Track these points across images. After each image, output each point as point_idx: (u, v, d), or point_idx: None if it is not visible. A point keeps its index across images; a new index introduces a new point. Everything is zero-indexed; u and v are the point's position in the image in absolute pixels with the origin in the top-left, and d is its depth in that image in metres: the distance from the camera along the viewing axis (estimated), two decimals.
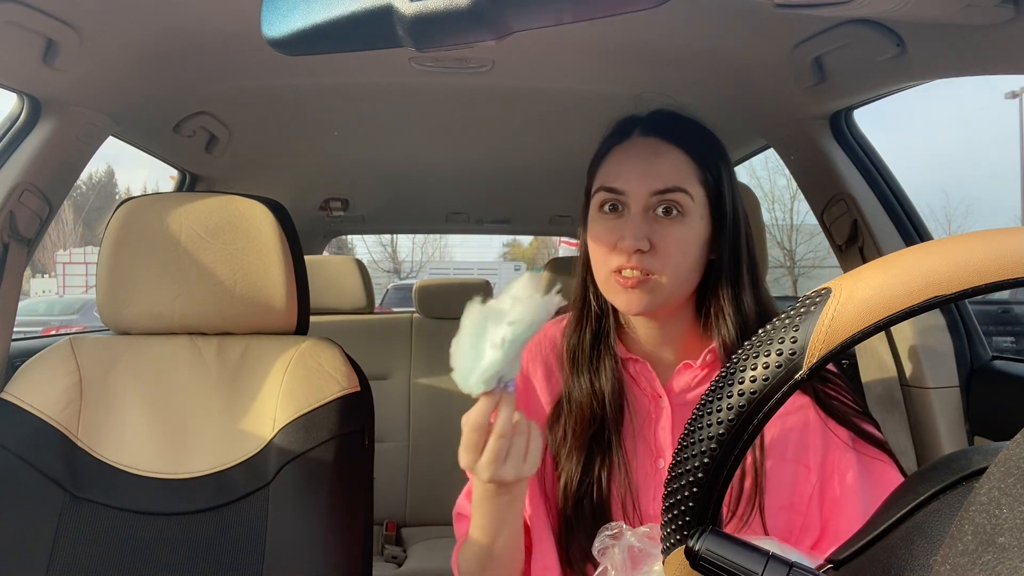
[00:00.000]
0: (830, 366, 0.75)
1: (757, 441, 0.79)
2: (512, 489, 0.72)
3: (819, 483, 0.79)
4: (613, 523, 0.71)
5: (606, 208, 0.83)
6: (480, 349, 0.64)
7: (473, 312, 0.66)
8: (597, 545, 0.70)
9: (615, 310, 0.88)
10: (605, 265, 0.82)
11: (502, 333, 0.63)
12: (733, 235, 0.84)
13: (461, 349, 0.65)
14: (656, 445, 0.84)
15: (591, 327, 0.88)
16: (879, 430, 0.83)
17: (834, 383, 0.85)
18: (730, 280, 0.84)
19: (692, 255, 0.82)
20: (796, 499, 0.79)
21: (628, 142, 0.85)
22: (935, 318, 1.25)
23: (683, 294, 0.83)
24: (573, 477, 0.82)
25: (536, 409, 0.89)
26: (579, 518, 0.82)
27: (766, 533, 0.76)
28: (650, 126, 0.86)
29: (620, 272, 0.80)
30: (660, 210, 0.80)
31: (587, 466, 0.82)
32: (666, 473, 0.42)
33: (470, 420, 0.67)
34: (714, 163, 0.84)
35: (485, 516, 0.75)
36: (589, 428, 0.83)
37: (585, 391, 0.85)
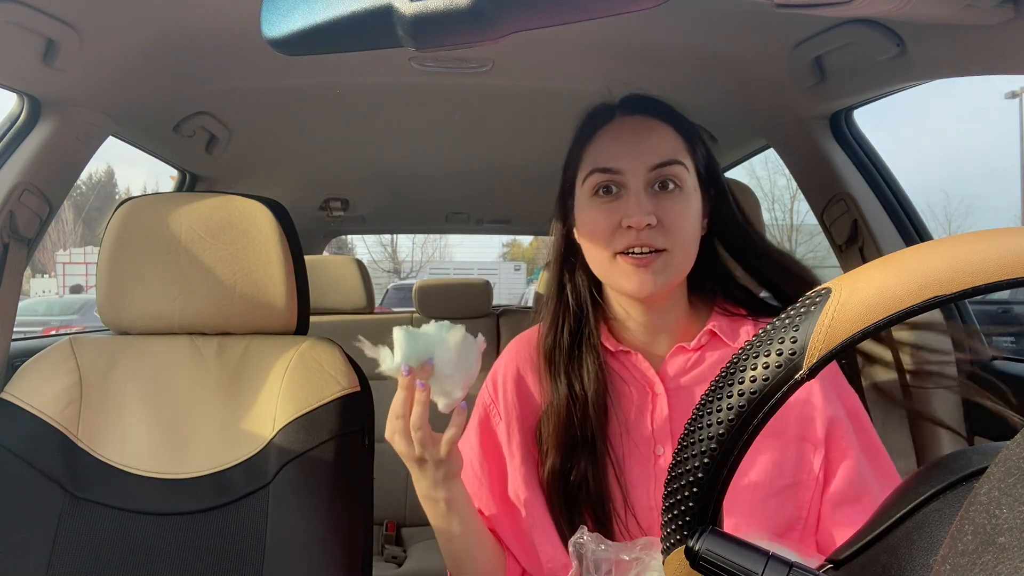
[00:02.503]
0: None
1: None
2: (438, 495, 0.77)
3: (826, 456, 0.78)
4: (581, 533, 0.71)
5: (600, 191, 0.81)
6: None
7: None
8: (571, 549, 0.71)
9: (595, 305, 0.87)
10: (608, 248, 0.79)
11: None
12: (729, 205, 0.85)
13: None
14: (654, 434, 0.82)
15: (569, 325, 0.87)
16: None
17: None
18: (734, 250, 0.84)
19: (693, 228, 0.81)
20: (803, 476, 0.78)
21: (613, 123, 0.84)
22: (935, 318, 1.25)
23: (686, 271, 0.82)
24: (555, 469, 0.82)
25: (533, 410, 0.88)
26: (573, 519, 0.81)
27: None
28: (631, 106, 0.85)
29: (628, 252, 0.78)
30: (658, 185, 0.79)
31: (566, 467, 0.81)
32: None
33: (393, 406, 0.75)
34: (697, 137, 0.84)
35: (431, 516, 0.81)
36: (567, 432, 0.82)
37: (563, 395, 0.83)
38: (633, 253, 0.78)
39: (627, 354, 0.86)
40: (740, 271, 0.88)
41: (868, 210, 1.30)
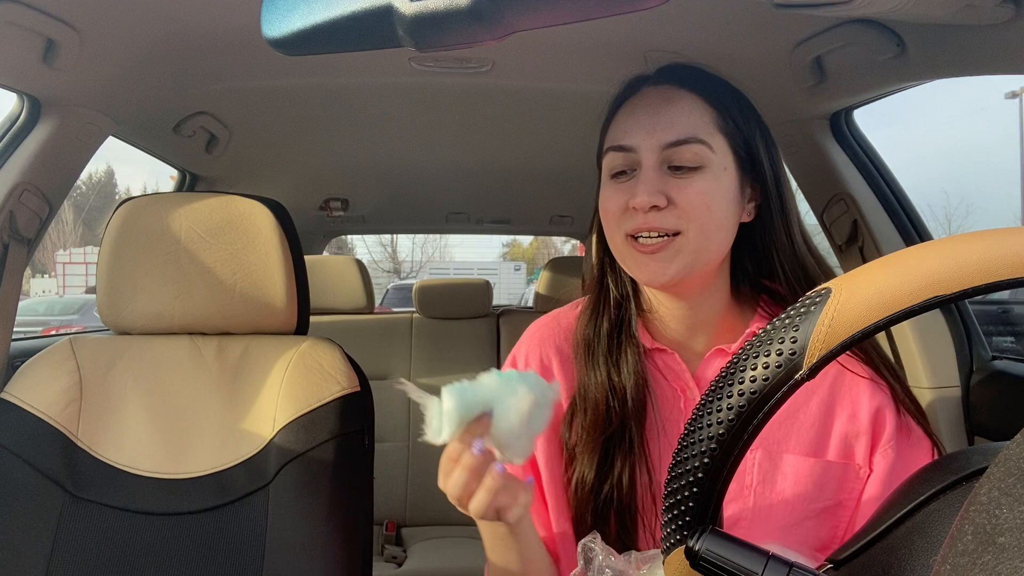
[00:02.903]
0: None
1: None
2: (500, 528, 0.69)
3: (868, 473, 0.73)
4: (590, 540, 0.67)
5: (615, 171, 0.75)
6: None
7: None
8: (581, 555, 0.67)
9: (636, 294, 0.80)
10: (619, 230, 0.74)
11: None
12: (776, 189, 0.75)
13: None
14: None
15: (608, 315, 0.80)
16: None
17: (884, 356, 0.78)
18: (786, 241, 0.75)
19: (719, 211, 0.72)
20: (844, 496, 0.73)
21: (637, 95, 0.77)
22: (935, 318, 1.25)
23: (712, 259, 0.74)
24: (586, 480, 0.75)
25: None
26: (599, 522, 0.75)
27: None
28: (661, 76, 0.78)
29: (636, 238, 0.72)
30: (674, 165, 0.72)
31: (602, 469, 0.75)
32: None
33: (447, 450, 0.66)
34: (738, 109, 0.75)
35: (487, 543, 0.74)
36: (605, 428, 0.75)
37: (601, 386, 0.76)
38: (640, 239, 0.72)
39: (662, 352, 0.79)
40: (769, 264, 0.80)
41: (868, 210, 1.30)
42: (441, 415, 0.63)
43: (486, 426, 0.63)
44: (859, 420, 0.75)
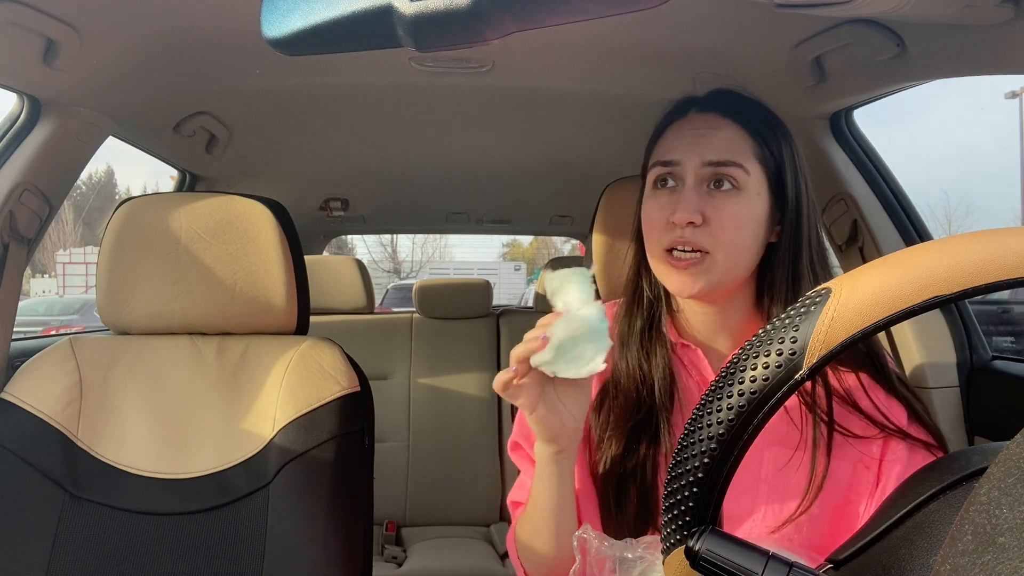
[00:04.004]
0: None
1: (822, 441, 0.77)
2: (562, 443, 0.74)
3: (877, 473, 0.76)
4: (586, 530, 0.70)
5: (659, 184, 0.82)
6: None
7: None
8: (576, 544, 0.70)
9: (667, 294, 0.87)
10: (658, 244, 0.80)
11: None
12: (795, 217, 0.81)
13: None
14: None
15: (642, 314, 0.87)
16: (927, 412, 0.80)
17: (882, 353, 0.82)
18: (789, 265, 0.81)
19: (748, 233, 0.79)
20: (853, 495, 0.76)
21: (684, 118, 0.83)
22: (935, 318, 1.25)
23: (739, 276, 0.80)
24: (611, 462, 0.80)
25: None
26: (621, 504, 0.80)
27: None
28: (708, 102, 0.84)
29: (672, 252, 0.78)
30: (713, 183, 0.79)
31: (627, 453, 0.80)
32: None
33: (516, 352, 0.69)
34: (775, 140, 0.82)
35: (541, 479, 0.77)
36: (635, 414, 0.81)
37: (633, 376, 0.83)
38: (676, 252, 0.78)
39: (687, 348, 0.85)
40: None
41: (868, 210, 1.30)
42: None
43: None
44: (871, 427, 0.77)
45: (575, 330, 0.66)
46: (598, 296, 0.67)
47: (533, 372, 0.69)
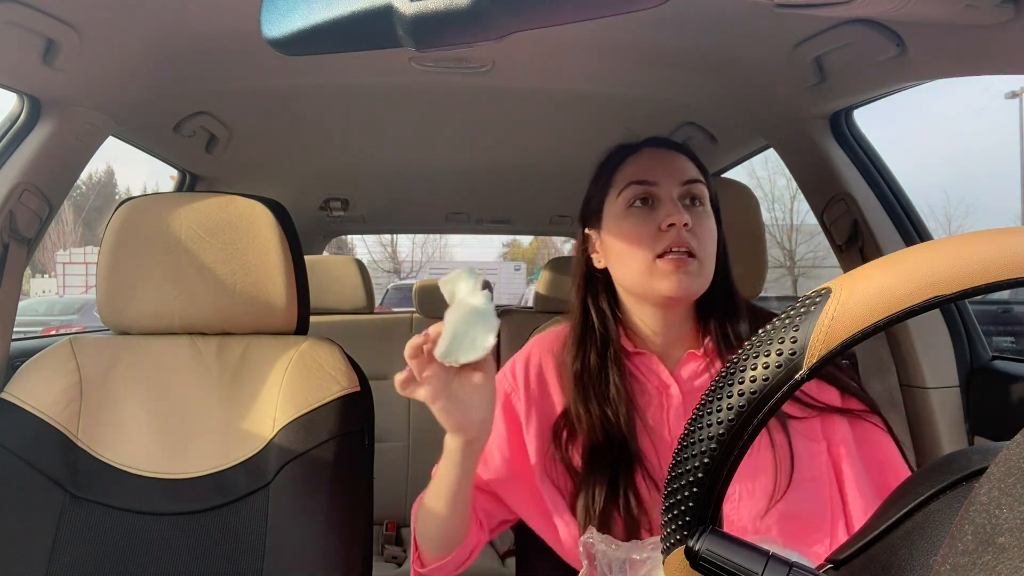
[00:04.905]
0: None
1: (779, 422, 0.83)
2: (469, 434, 0.77)
3: (829, 450, 0.82)
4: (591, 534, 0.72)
5: (637, 203, 0.87)
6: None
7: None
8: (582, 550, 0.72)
9: (616, 314, 0.91)
10: (650, 251, 0.84)
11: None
12: (722, 236, 0.90)
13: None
14: (670, 434, 0.85)
15: (596, 349, 0.90)
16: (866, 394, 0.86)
17: None
18: (723, 275, 0.90)
19: (714, 245, 0.87)
20: (816, 471, 0.81)
21: (641, 152, 0.91)
22: (935, 318, 1.25)
23: (709, 281, 0.86)
24: (597, 502, 0.82)
25: (549, 410, 0.90)
26: (604, 527, 0.81)
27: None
28: (654, 142, 0.92)
29: (666, 255, 0.83)
30: (689, 200, 0.86)
31: (612, 492, 0.82)
32: None
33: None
34: (705, 171, 0.91)
35: (447, 466, 0.80)
36: (609, 453, 0.83)
37: (597, 421, 0.85)
38: (670, 254, 0.82)
39: (642, 355, 0.90)
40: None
41: (868, 210, 1.30)
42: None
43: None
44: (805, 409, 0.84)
45: (465, 317, 0.69)
46: (488, 288, 0.71)
47: (434, 366, 0.71)
